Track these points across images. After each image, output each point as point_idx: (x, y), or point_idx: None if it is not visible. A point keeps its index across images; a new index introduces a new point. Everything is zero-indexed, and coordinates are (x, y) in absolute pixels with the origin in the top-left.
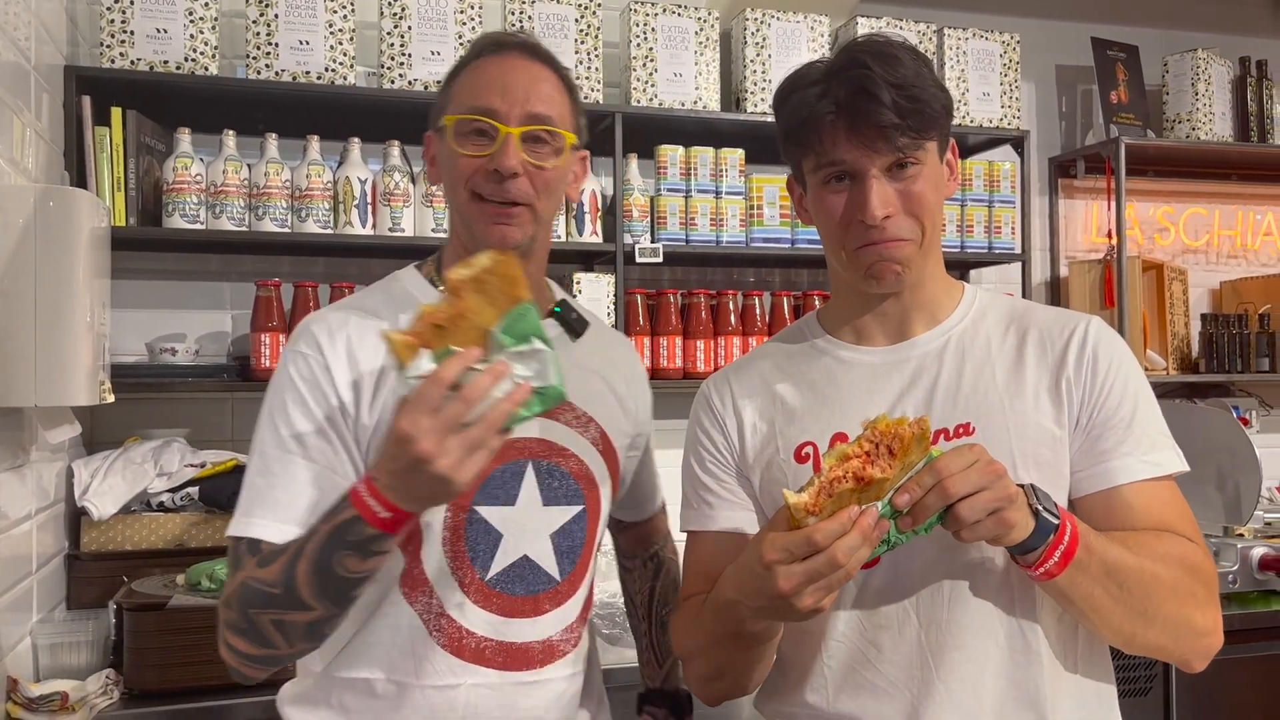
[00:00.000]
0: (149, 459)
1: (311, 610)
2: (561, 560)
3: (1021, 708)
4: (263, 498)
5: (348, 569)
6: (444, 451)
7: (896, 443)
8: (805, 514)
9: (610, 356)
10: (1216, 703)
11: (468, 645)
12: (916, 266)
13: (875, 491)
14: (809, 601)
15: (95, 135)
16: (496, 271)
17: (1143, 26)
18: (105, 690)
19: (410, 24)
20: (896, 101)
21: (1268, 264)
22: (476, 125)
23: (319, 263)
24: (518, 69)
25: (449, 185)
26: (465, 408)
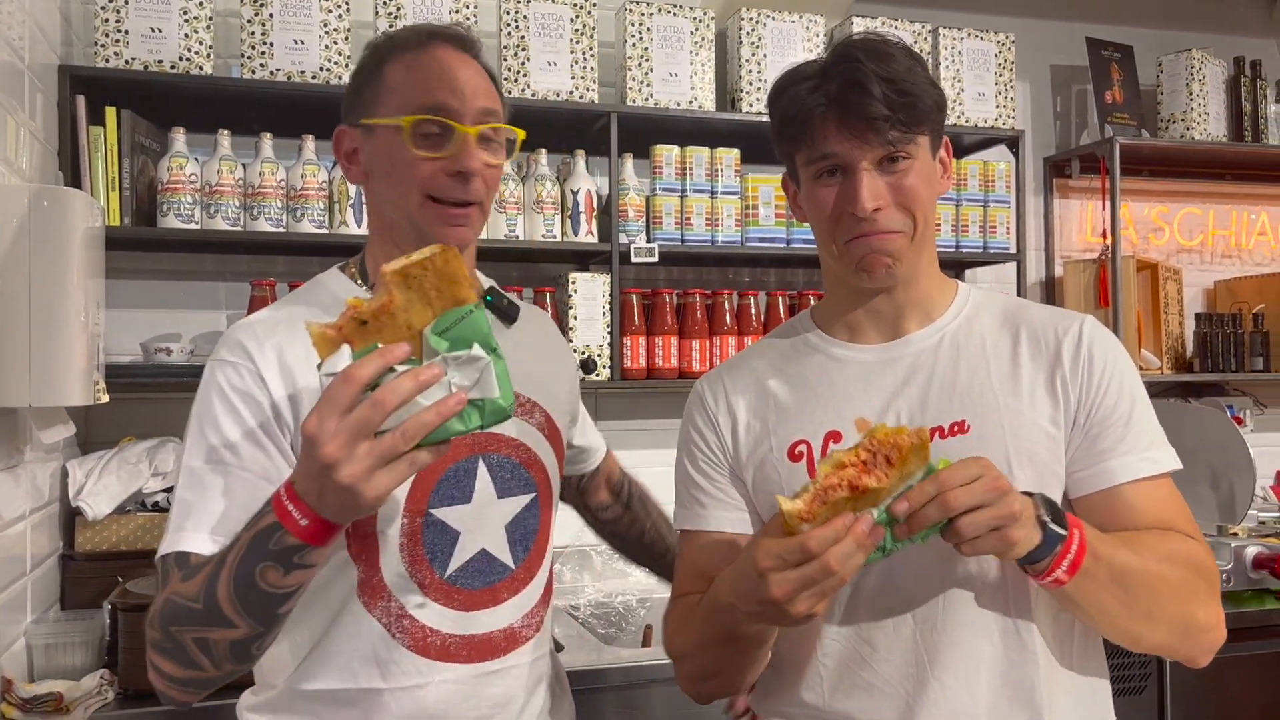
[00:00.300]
0: (143, 459)
1: (235, 628)
2: (515, 548)
3: (1016, 706)
4: (193, 510)
5: (270, 583)
6: (350, 459)
7: (894, 452)
8: (800, 521)
9: (542, 337)
10: (1210, 701)
11: (432, 643)
12: (908, 261)
13: (871, 499)
14: (803, 608)
15: (90, 135)
16: (433, 266)
17: (1137, 26)
18: (100, 690)
19: (405, 24)
20: (886, 95)
21: (1262, 263)
22: (434, 125)
23: (314, 262)
24: (461, 63)
25: (393, 187)
26: (377, 412)
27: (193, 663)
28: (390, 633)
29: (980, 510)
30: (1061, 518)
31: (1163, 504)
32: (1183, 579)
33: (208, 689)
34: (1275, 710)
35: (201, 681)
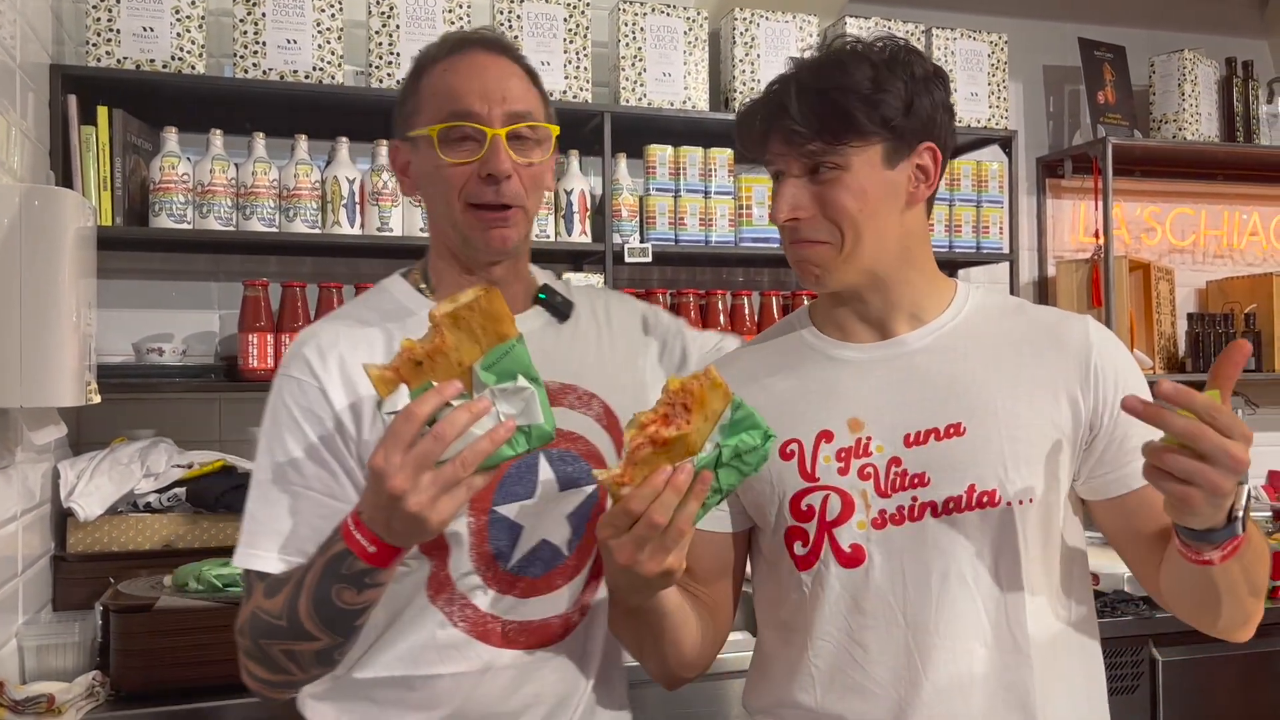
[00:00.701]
0: (136, 460)
1: (317, 640)
2: (573, 537)
3: (1010, 708)
4: (263, 529)
5: (345, 601)
6: (416, 489)
7: (689, 398)
8: (618, 487)
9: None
10: (1202, 700)
11: (492, 630)
12: (840, 270)
13: (683, 448)
14: (651, 567)
15: (81, 134)
16: (478, 307)
17: (1129, 27)
18: (92, 692)
19: (398, 23)
20: (808, 108)
21: (1253, 263)
22: (460, 131)
23: (307, 262)
24: (487, 67)
25: (436, 196)
26: (438, 445)
27: (282, 669)
28: (452, 621)
29: (1196, 462)
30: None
31: None
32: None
33: (298, 688)
34: (1266, 709)
35: (291, 684)
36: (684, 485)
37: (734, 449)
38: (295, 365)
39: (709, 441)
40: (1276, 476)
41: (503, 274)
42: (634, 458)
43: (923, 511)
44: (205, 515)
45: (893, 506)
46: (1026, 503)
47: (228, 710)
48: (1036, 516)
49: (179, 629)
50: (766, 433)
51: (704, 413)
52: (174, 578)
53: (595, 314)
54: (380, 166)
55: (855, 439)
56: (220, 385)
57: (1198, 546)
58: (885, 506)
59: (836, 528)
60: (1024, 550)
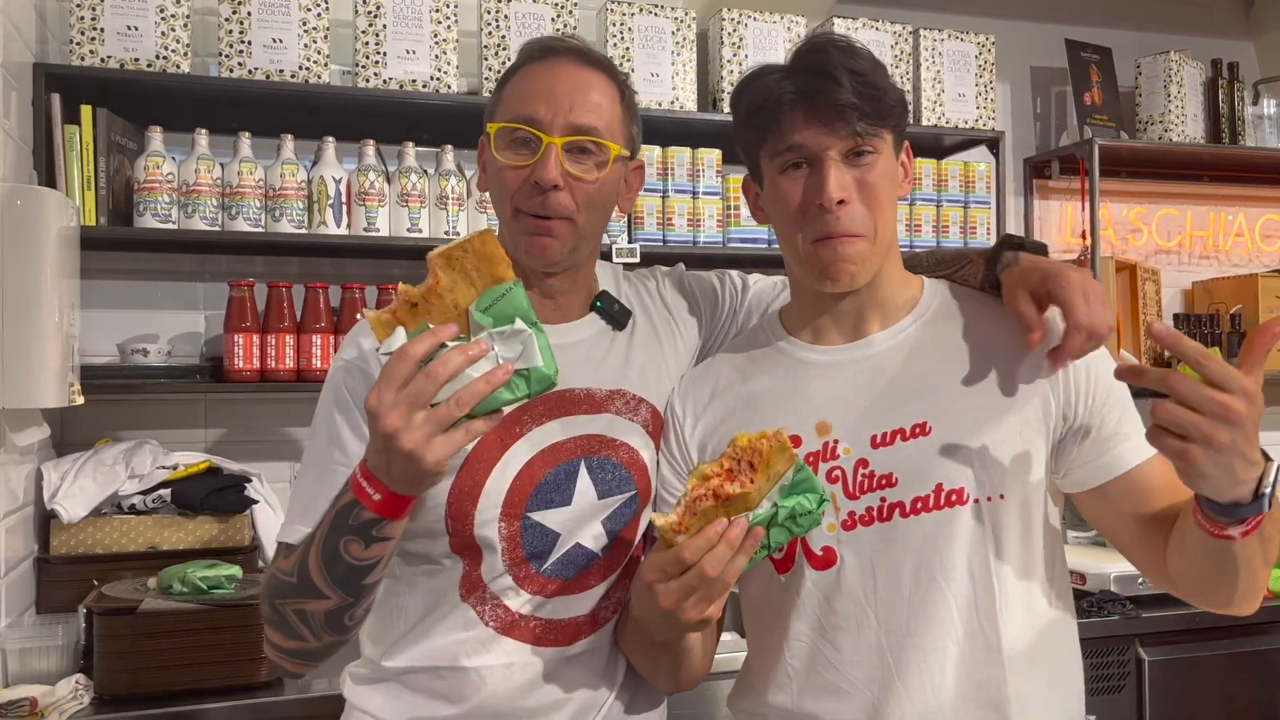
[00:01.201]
0: (120, 461)
1: (327, 599)
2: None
3: (982, 706)
4: (305, 506)
5: (353, 555)
6: (409, 427)
7: (756, 457)
8: (673, 533)
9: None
10: (1187, 699)
11: (521, 627)
12: (871, 264)
13: (742, 504)
14: (693, 615)
15: (65, 133)
16: (471, 248)
17: (1116, 29)
18: (75, 695)
19: (385, 23)
20: (854, 85)
21: (1239, 264)
22: (519, 134)
23: (293, 263)
24: (565, 76)
25: (495, 197)
26: (430, 383)
27: (295, 633)
28: (482, 619)
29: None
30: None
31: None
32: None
33: (313, 660)
34: (1251, 707)
35: (306, 653)
36: (738, 541)
37: (790, 510)
38: (349, 350)
39: (766, 499)
40: None
41: (557, 285)
42: (693, 508)
43: (891, 512)
44: (190, 517)
45: (861, 508)
46: (996, 499)
47: (212, 714)
48: (1008, 513)
49: (163, 631)
50: (822, 496)
51: (768, 473)
52: (158, 580)
53: (652, 315)
54: (367, 167)
55: (823, 442)
56: (206, 386)
57: (1222, 521)
58: (854, 508)
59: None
60: (995, 548)
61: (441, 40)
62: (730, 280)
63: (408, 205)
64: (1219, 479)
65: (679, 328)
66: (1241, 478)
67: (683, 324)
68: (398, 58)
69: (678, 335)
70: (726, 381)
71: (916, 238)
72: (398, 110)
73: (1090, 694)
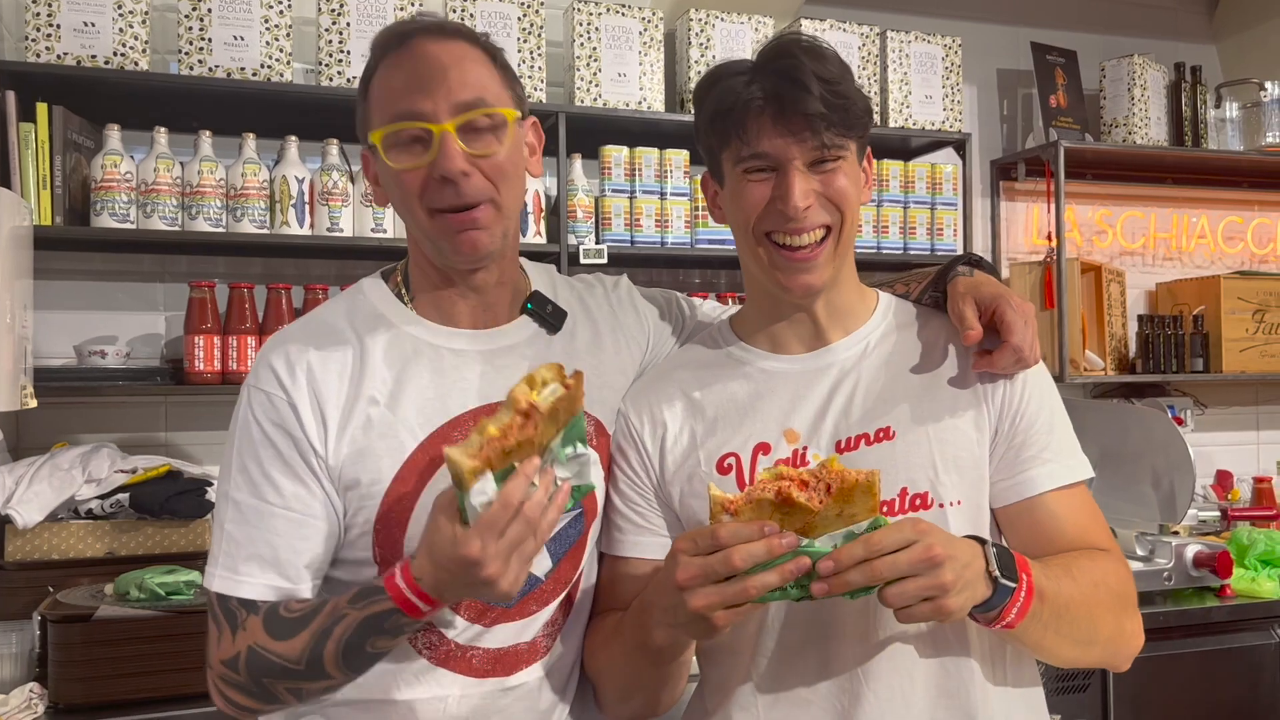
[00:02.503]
0: (77, 465)
1: (333, 679)
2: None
3: (951, 714)
4: (245, 554)
5: (378, 649)
6: (507, 570)
7: (838, 483)
8: (721, 510)
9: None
10: (1153, 698)
11: (454, 656)
12: (833, 268)
13: (800, 521)
14: (699, 601)
15: (20, 131)
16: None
17: (1081, 31)
18: (29, 705)
19: (349, 20)
20: (824, 94)
21: (1202, 266)
22: (407, 133)
23: (255, 263)
24: (430, 56)
25: (400, 205)
26: (528, 529)
27: (278, 701)
28: (416, 649)
29: (909, 580)
30: (1012, 567)
31: (1081, 512)
32: (1114, 600)
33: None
34: (1215, 705)
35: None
36: (779, 550)
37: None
38: (263, 377)
39: (829, 536)
40: (1225, 476)
41: (486, 279)
42: (753, 495)
43: None
44: (149, 521)
45: None
46: (956, 504)
47: None
48: (966, 519)
49: (119, 639)
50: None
51: (841, 507)
52: (115, 586)
53: (592, 318)
54: (330, 166)
55: (792, 450)
56: (166, 388)
57: (989, 616)
58: None
59: None
60: None
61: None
62: (677, 302)
63: (371, 205)
64: (966, 602)
65: (624, 339)
66: (975, 578)
67: (627, 336)
68: (361, 56)
69: (622, 347)
70: (685, 390)
71: (884, 239)
72: None
73: (1056, 693)
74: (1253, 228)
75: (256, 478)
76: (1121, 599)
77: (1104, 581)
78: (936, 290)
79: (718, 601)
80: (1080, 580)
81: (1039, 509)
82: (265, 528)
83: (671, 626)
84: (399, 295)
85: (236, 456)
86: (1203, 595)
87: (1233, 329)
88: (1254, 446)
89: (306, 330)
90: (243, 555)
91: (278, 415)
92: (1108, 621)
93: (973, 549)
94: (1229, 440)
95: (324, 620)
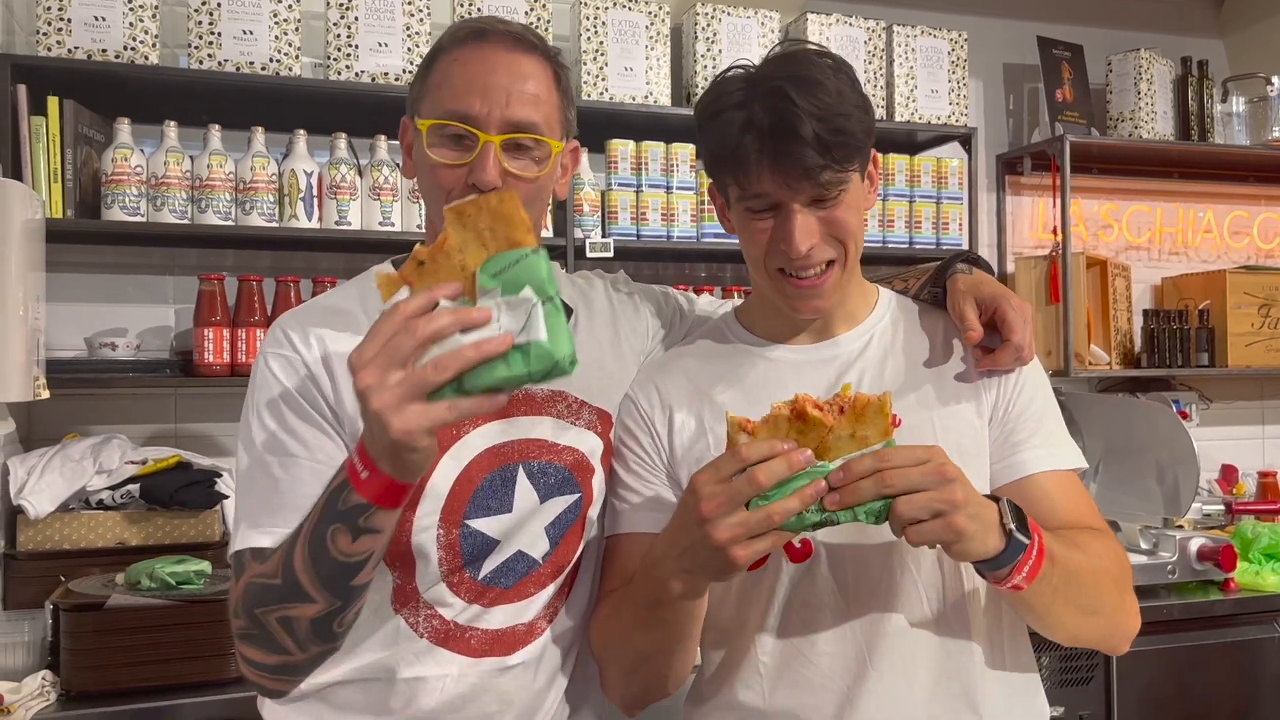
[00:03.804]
0: (88, 456)
1: (314, 602)
2: (550, 545)
3: (953, 696)
4: (269, 507)
5: (341, 550)
6: (382, 385)
7: (851, 405)
8: (739, 430)
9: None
10: (1155, 691)
11: (454, 636)
12: (841, 290)
13: (814, 442)
14: (724, 534)
15: (31, 125)
16: (487, 206)
17: (1087, 26)
18: (42, 692)
19: (357, 15)
20: (819, 136)
21: (1208, 260)
22: (452, 130)
23: (264, 256)
24: (500, 65)
25: (426, 192)
26: (408, 338)
27: (279, 646)
28: (416, 631)
29: (920, 493)
30: (1025, 525)
31: (1074, 495)
32: (1118, 572)
33: (296, 675)
34: (1218, 698)
35: (289, 666)
36: (798, 465)
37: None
38: (279, 341)
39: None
40: (1229, 471)
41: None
42: (770, 417)
43: None
44: (159, 512)
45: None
46: None
47: (180, 710)
48: None
49: (130, 627)
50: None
51: (855, 427)
52: (126, 575)
53: (594, 313)
54: (338, 160)
55: None
56: (175, 380)
57: (1000, 573)
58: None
59: None
60: None
61: (414, 33)
62: (675, 298)
63: (379, 198)
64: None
65: (626, 333)
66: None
67: (629, 330)
68: (370, 50)
69: (623, 340)
70: (692, 377)
71: (889, 233)
72: (370, 103)
73: (1060, 685)
74: (1259, 222)
75: (277, 431)
76: (1123, 574)
77: (1106, 554)
78: (935, 287)
79: (742, 532)
80: (1086, 549)
81: (1033, 488)
82: (291, 479)
83: (690, 571)
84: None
85: (255, 417)
86: (1206, 589)
87: (1238, 324)
88: (1259, 441)
89: (317, 306)
90: (267, 509)
91: (295, 374)
92: (1112, 593)
93: (987, 501)
94: (1234, 434)
95: (299, 525)
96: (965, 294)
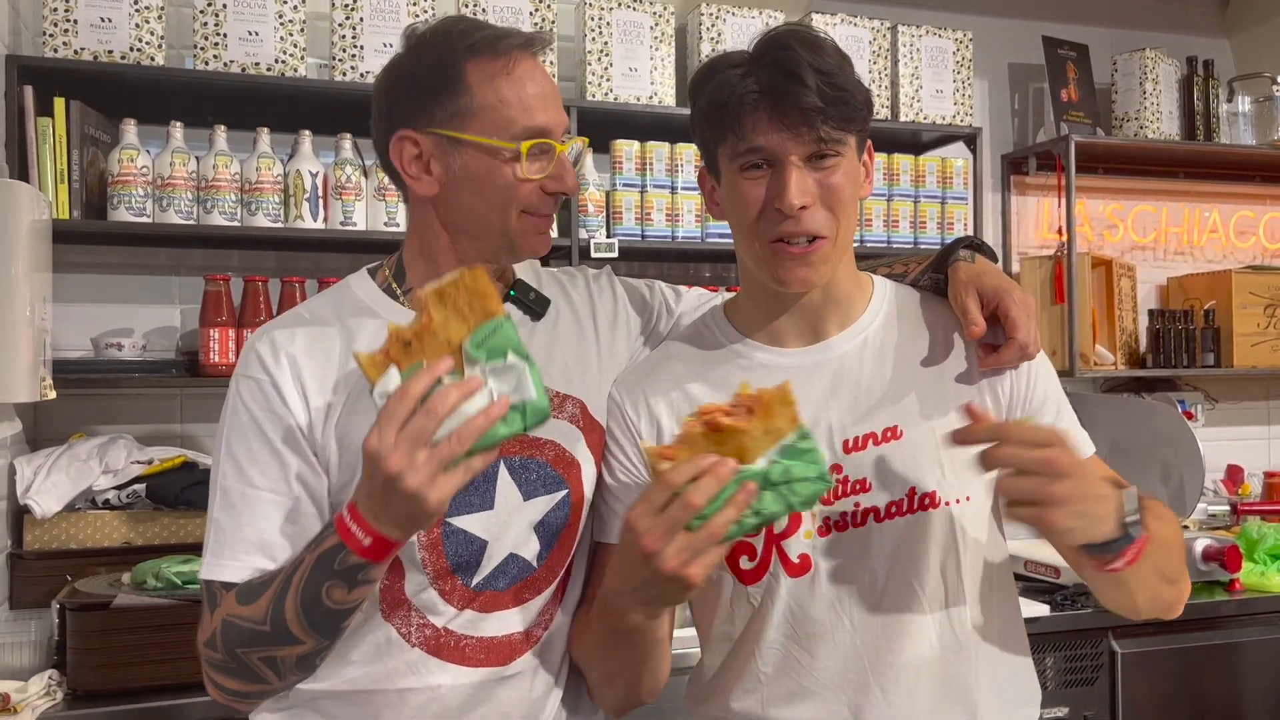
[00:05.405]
0: (94, 456)
1: (302, 644)
2: (542, 548)
3: (952, 703)
4: (231, 539)
5: (335, 600)
6: (412, 467)
7: (756, 403)
8: (659, 458)
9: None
10: (1160, 691)
11: (447, 644)
12: (830, 266)
13: (735, 447)
14: (673, 562)
15: (38, 126)
16: (463, 285)
17: (1093, 25)
18: (48, 691)
19: (362, 16)
20: (820, 87)
21: (1213, 260)
22: (541, 147)
23: (269, 257)
24: (543, 76)
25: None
26: (431, 420)
27: (258, 678)
28: (408, 640)
29: (1024, 478)
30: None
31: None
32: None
33: (270, 697)
34: (1223, 700)
35: (266, 693)
36: (725, 477)
37: (786, 470)
38: (249, 364)
39: (764, 457)
40: (1235, 471)
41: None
42: (684, 437)
43: (865, 517)
44: (165, 512)
45: (836, 513)
46: (964, 501)
47: (186, 709)
48: (973, 515)
49: (137, 627)
50: (823, 474)
51: (766, 424)
52: (132, 575)
53: (574, 306)
54: (344, 160)
55: None
56: (181, 380)
57: (1104, 558)
58: (829, 514)
59: (785, 540)
60: (964, 549)
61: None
62: (660, 291)
63: (385, 199)
64: (1081, 526)
65: (607, 327)
66: (1100, 516)
67: (611, 325)
68: (375, 51)
69: (605, 335)
70: (680, 382)
71: (894, 233)
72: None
73: (1063, 686)
74: (1265, 222)
75: (244, 463)
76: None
77: (1174, 520)
78: (937, 273)
79: (689, 556)
80: (1163, 518)
81: None
82: (253, 511)
83: (648, 603)
84: (388, 289)
85: (225, 446)
86: (1212, 589)
87: (1244, 324)
88: (1264, 441)
89: (290, 322)
90: (230, 540)
91: (264, 399)
92: (1180, 558)
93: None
94: (1239, 435)
95: (286, 572)
96: (967, 284)
